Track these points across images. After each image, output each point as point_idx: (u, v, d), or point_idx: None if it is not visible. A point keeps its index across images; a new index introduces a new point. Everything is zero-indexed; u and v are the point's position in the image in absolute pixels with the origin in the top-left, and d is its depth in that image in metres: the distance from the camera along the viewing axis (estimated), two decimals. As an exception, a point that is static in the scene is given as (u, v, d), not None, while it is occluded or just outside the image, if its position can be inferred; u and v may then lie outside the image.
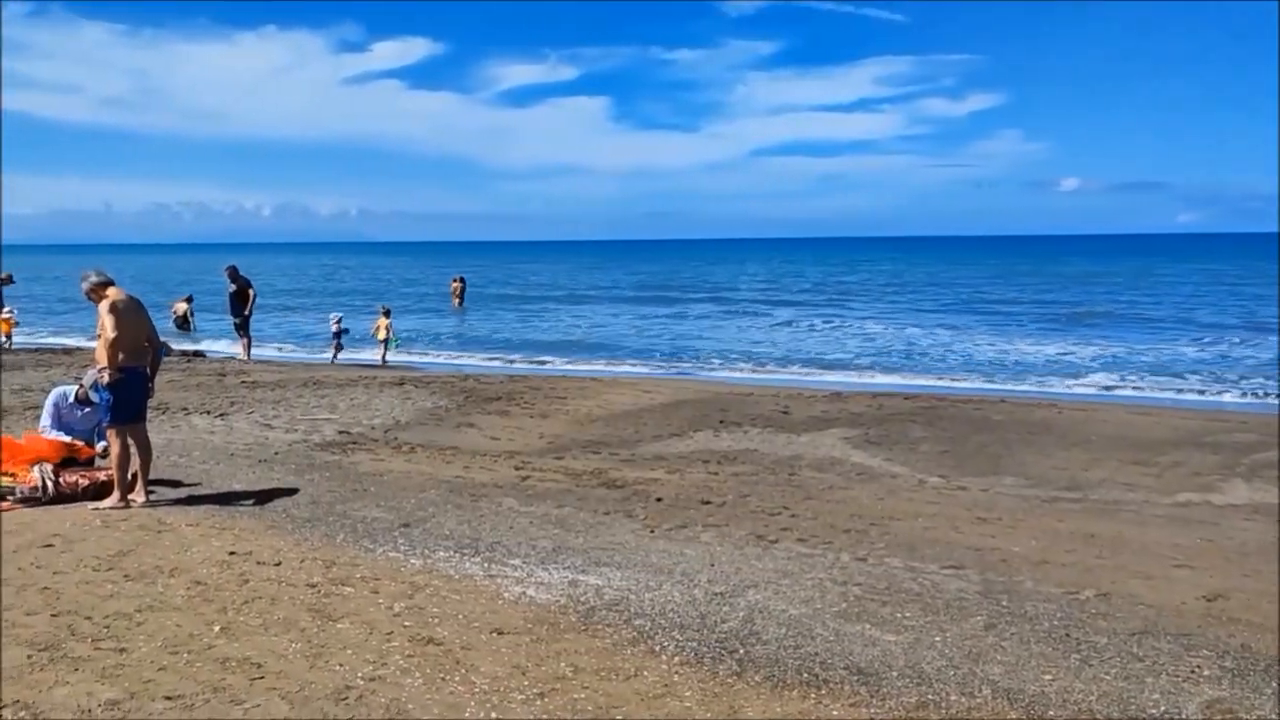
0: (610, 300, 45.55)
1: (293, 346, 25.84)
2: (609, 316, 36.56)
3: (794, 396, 14.55)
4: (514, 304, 42.90)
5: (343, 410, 12.76)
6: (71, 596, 5.33)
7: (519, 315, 37.02)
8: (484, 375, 17.29)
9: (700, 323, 33.86)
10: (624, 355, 23.98)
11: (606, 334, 30.23)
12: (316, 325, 31.59)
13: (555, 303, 44.00)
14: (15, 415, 11.69)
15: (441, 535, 7.05)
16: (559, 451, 10.46)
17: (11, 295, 22.28)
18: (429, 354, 24.03)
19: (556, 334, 30.17)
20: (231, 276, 20.27)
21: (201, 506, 7.70)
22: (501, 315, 36.73)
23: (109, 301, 7.61)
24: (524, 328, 32.15)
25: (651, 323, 33.77)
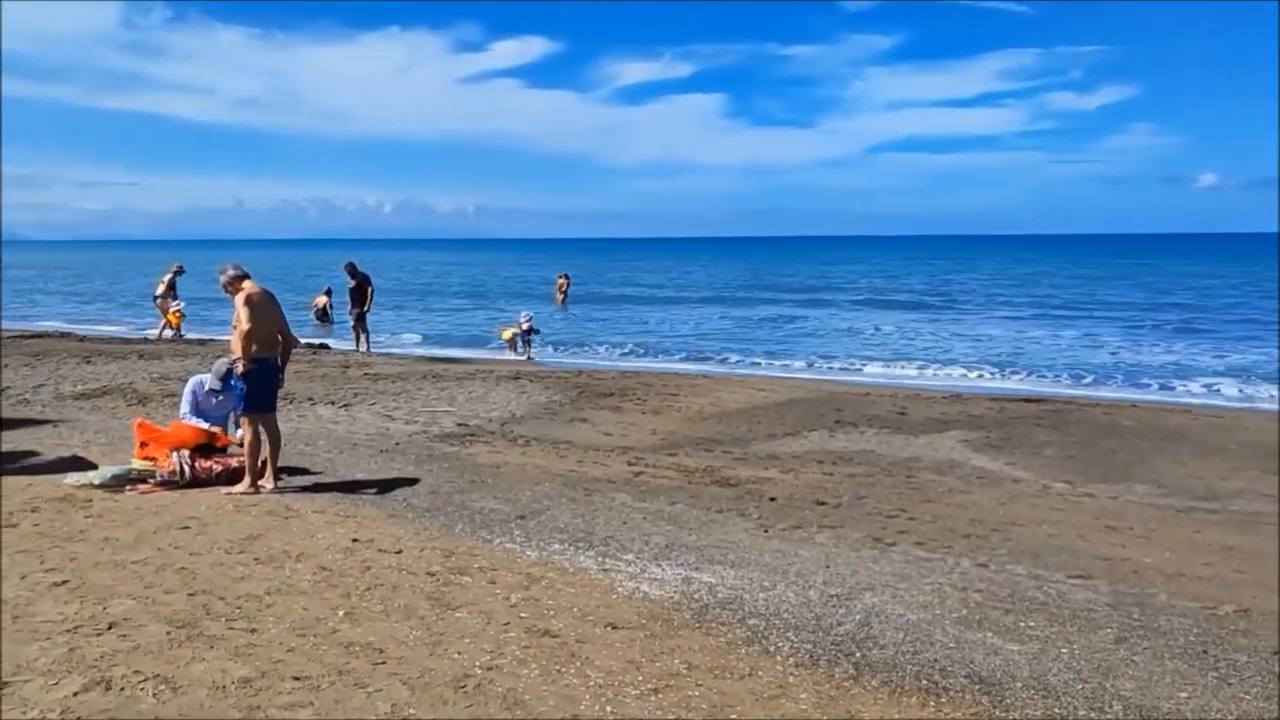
0: (722, 297, 45.37)
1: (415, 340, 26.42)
2: (721, 314, 36.41)
3: (911, 397, 14.26)
4: (625, 300, 43.12)
5: (461, 403, 13.01)
6: (206, 577, 5.56)
7: (631, 312, 37.20)
8: (597, 371, 17.42)
9: (814, 321, 33.47)
10: (736, 353, 23.84)
11: (718, 331, 30.13)
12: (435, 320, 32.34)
13: (666, 299, 44.07)
14: (155, 402, 12.28)
15: (556, 528, 7.12)
16: (671, 448, 10.47)
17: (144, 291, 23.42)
18: (540, 349, 24.31)
19: (668, 331, 30.22)
20: (350, 272, 20.90)
21: (326, 494, 7.95)
22: (612, 312, 36.96)
23: (244, 294, 7.92)
24: (635, 324, 32.29)
25: (764, 321, 33.53)
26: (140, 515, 6.88)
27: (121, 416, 11.40)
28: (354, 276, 20.85)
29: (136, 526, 6.56)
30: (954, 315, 35.20)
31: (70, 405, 12.39)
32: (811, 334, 29.11)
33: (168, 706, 3.87)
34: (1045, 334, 28.07)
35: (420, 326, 30.27)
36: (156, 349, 19.15)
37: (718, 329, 31.05)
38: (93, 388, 13.77)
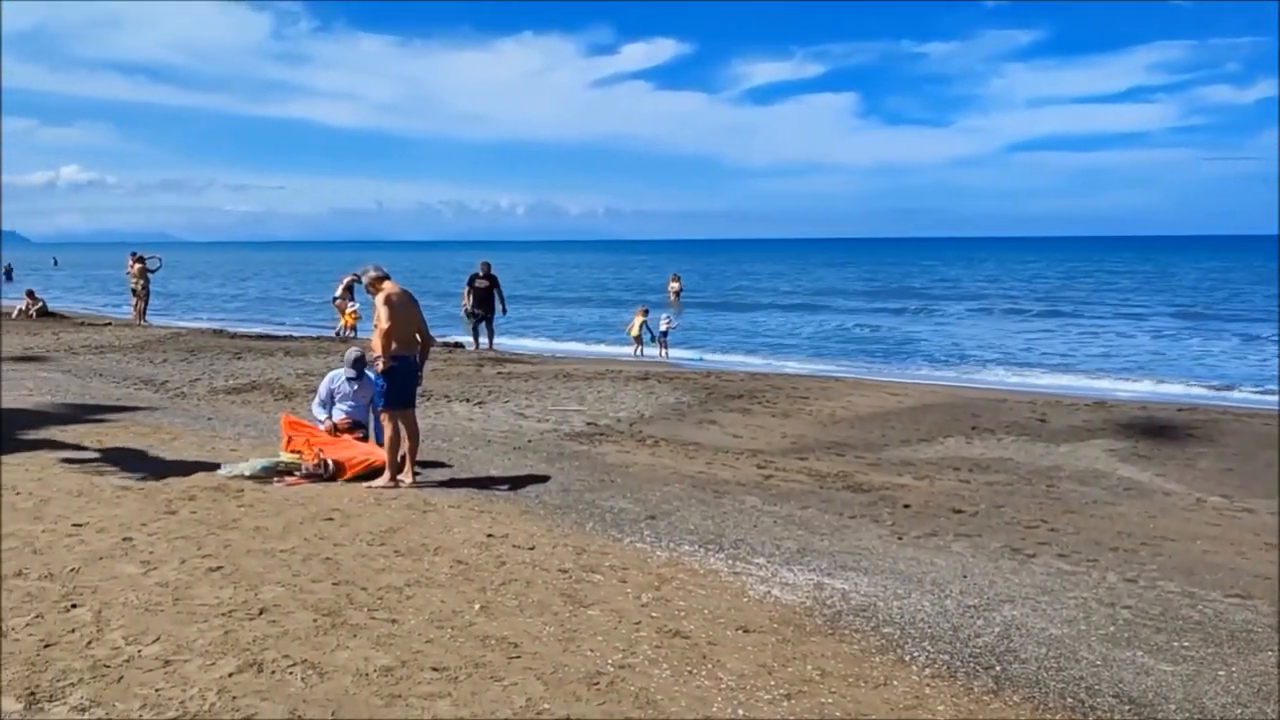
0: (854, 299, 44.70)
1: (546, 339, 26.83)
2: (854, 315, 35.88)
3: (1052, 404, 13.74)
4: (752, 302, 42.91)
5: (590, 402, 13.15)
6: (349, 568, 5.74)
7: (760, 313, 37.01)
8: (725, 372, 17.36)
9: (948, 324, 32.67)
10: (867, 356, 23.47)
11: (850, 333, 29.71)
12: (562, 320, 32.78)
13: (796, 300, 43.67)
14: (300, 398, 12.77)
15: (686, 529, 7.12)
16: (802, 452, 10.35)
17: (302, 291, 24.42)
18: (657, 348, 24.36)
19: (800, 332, 29.94)
20: (484, 273, 21.36)
21: (462, 489, 8.13)
22: (739, 314, 36.83)
23: (384, 294, 8.17)
24: (764, 326, 32.09)
25: (897, 323, 32.90)
26: (287, 506, 7.16)
27: (269, 411, 11.91)
28: (486, 278, 21.31)
29: (284, 517, 6.83)
30: (1095, 318, 33.86)
31: (222, 399, 13.01)
32: (945, 337, 28.42)
33: (315, 691, 4.01)
34: (1197, 340, 26.73)
35: (549, 326, 30.74)
36: (301, 346, 19.95)
37: (849, 331, 30.62)
38: (242, 383, 14.42)
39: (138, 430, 10.23)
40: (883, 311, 37.60)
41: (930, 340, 27.56)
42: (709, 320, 33.66)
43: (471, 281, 21.33)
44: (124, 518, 6.57)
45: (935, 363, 22.03)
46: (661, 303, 35.14)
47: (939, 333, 29.90)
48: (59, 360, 17.01)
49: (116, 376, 14.96)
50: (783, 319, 35.08)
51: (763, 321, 34.05)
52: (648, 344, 22.57)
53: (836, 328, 31.72)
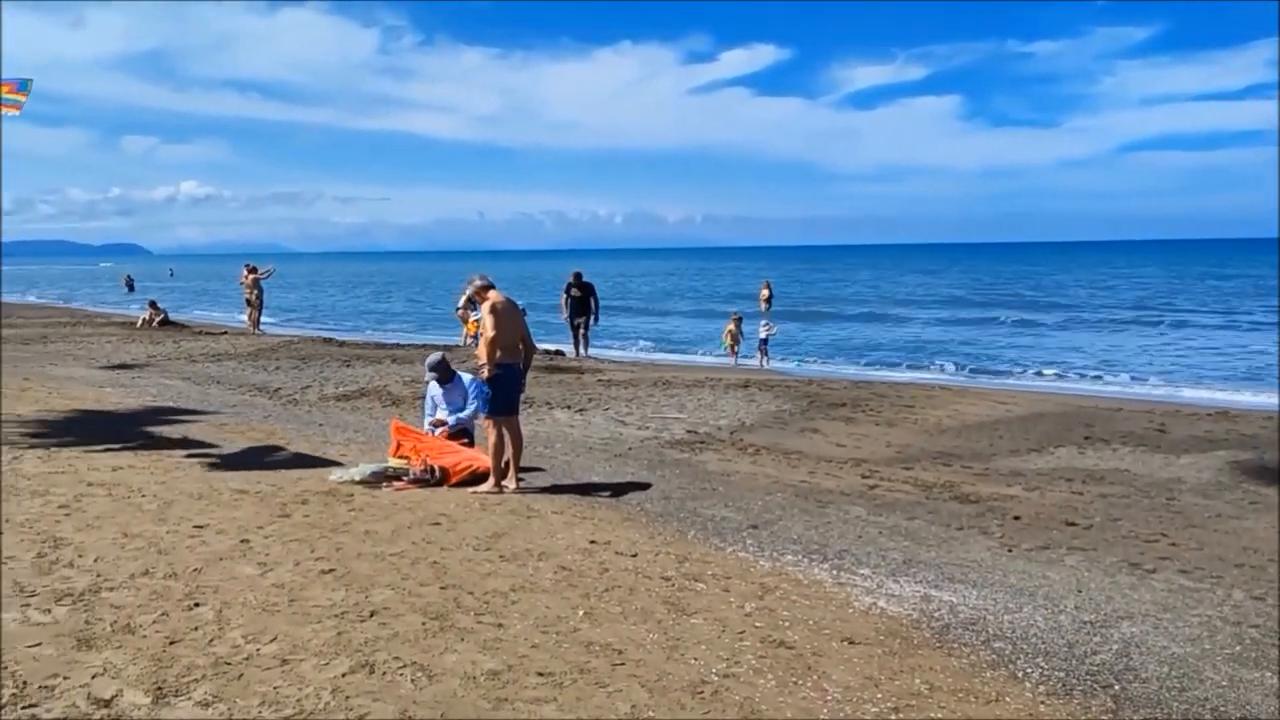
0: (959, 306, 43.79)
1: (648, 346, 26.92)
2: (957, 322, 35.15)
3: (1171, 413, 13.25)
4: (854, 309, 42.38)
5: (690, 410, 13.15)
6: (456, 572, 5.84)
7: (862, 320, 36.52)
8: (828, 380, 17.18)
9: (1058, 331, 31.76)
10: (973, 363, 22.95)
11: (956, 340, 29.10)
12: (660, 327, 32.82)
13: (900, 307, 42.98)
14: (407, 404, 13.06)
15: (789, 539, 7.05)
16: (907, 461, 10.17)
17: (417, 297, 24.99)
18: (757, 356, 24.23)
19: (904, 340, 29.45)
20: (576, 281, 21.58)
21: (564, 495, 8.20)
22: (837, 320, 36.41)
23: (489, 303, 8.31)
24: (868, 332, 31.66)
25: (1004, 330, 32.11)
26: (396, 510, 7.31)
27: (377, 417, 12.21)
28: (579, 286, 21.52)
29: (393, 521, 6.98)
30: (1212, 326, 32.50)
31: (332, 406, 13.37)
32: (1055, 344, 27.62)
33: (424, 693, 4.08)
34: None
35: (646, 334, 30.84)
36: (408, 354, 20.40)
37: (954, 338, 30.00)
38: (351, 389, 14.81)
39: (253, 435, 10.58)
40: (989, 318, 36.72)
41: (1039, 347, 26.83)
42: (808, 328, 33.35)
43: (568, 290, 21.60)
44: (242, 520, 6.80)
45: (1044, 371, 21.43)
46: (753, 311, 34.98)
47: (1048, 340, 29.08)
48: (180, 367, 17.73)
49: (233, 383, 15.51)
50: (885, 326, 34.57)
51: (864, 328, 33.61)
52: (743, 352, 22.47)
53: (941, 335, 31.11)
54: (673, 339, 29.64)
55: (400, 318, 40.30)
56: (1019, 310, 40.31)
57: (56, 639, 4.47)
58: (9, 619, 4.70)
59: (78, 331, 26.28)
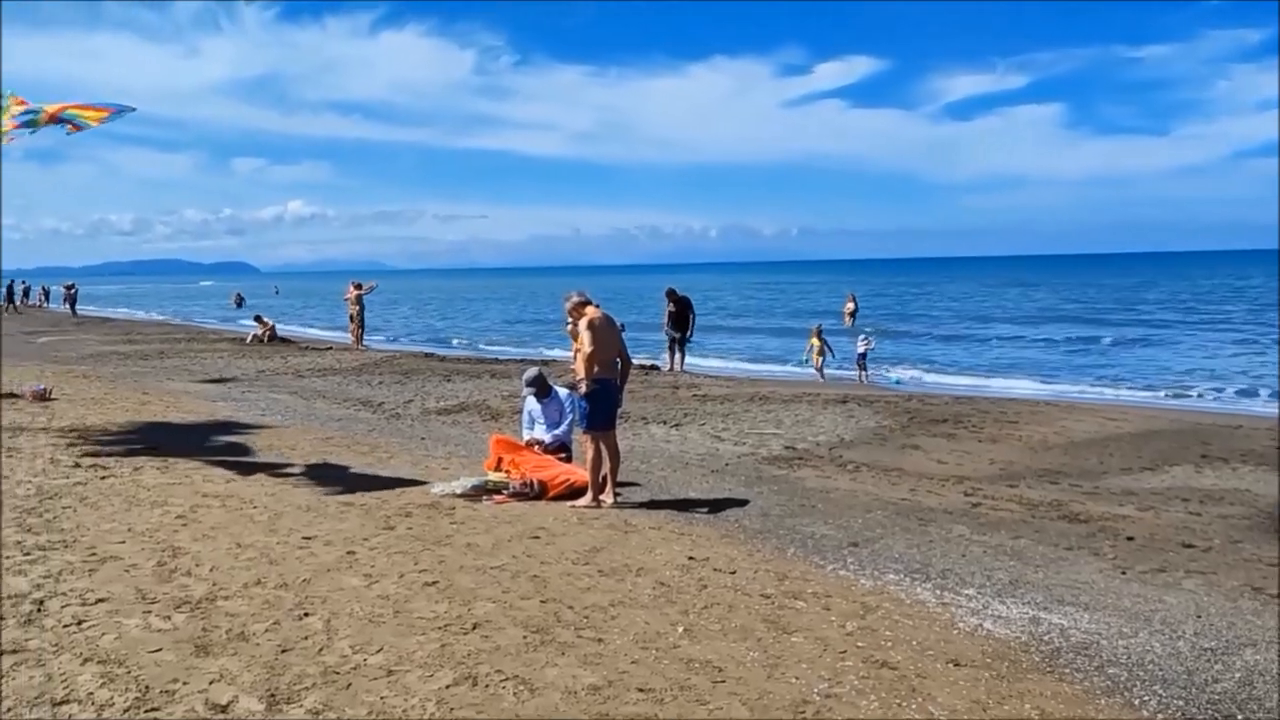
0: (1064, 317, 42.56)
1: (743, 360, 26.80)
2: (1064, 335, 34.17)
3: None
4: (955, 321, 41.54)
5: (788, 426, 13.04)
6: (556, 585, 5.88)
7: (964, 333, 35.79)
8: (928, 395, 16.87)
9: (1169, 344, 30.63)
10: (1080, 378, 22.28)
11: (1062, 354, 28.30)
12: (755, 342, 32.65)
13: (1003, 319, 41.98)
14: (506, 418, 13.24)
15: (890, 557, 6.93)
16: (1012, 479, 9.90)
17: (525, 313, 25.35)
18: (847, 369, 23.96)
19: (1007, 353, 28.77)
20: (670, 297, 21.61)
21: (662, 511, 8.20)
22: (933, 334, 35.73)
23: (586, 319, 8.38)
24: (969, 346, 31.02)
25: (1111, 343, 31.11)
26: (496, 524, 7.41)
27: (477, 431, 12.40)
28: (674, 301, 21.55)
29: (494, 534, 7.07)
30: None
31: (434, 419, 13.62)
32: (1166, 358, 26.65)
33: (526, 706, 4.12)
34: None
35: (741, 348, 30.70)
36: (506, 369, 20.68)
37: (1060, 351, 29.19)
38: (452, 404, 15.08)
39: (358, 448, 10.84)
40: (1095, 332, 35.62)
41: (1149, 361, 25.92)
42: (904, 342, 32.81)
43: (675, 300, 21.61)
44: (348, 532, 6.97)
45: (1155, 386, 20.70)
46: (836, 326, 34.58)
47: (1158, 353, 28.08)
48: (288, 382, 18.28)
49: (338, 398, 15.92)
50: (987, 339, 33.80)
51: (964, 343, 32.93)
52: (837, 365, 22.10)
53: (1046, 349, 30.29)
54: (766, 353, 29.44)
55: (498, 333, 40.90)
56: (1127, 323, 39.05)
57: (176, 645, 4.64)
58: (133, 624, 4.90)
59: (192, 347, 27.32)
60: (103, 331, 35.80)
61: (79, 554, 6.16)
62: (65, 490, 8.07)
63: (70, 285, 57.36)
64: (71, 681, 4.18)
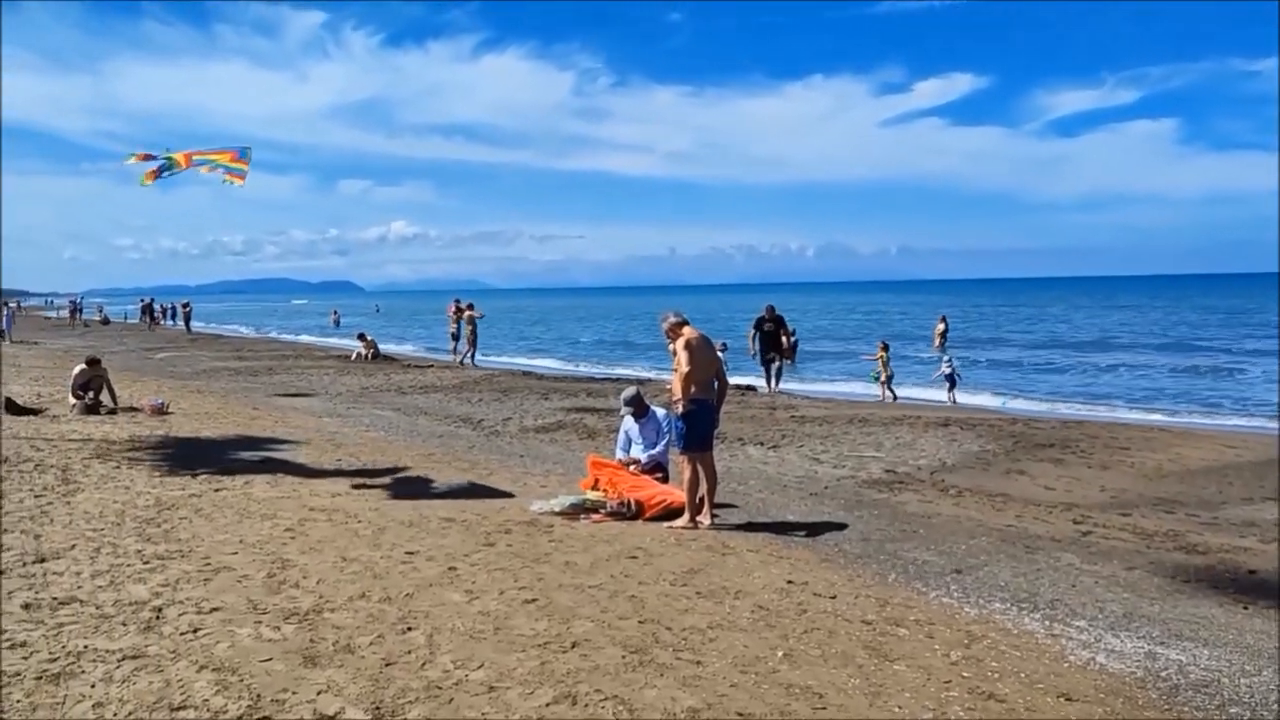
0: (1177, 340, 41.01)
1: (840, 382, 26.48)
2: (1174, 358, 32.93)
3: None
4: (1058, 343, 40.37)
5: (888, 449, 12.82)
6: (654, 606, 5.87)
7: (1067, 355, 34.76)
8: (1034, 419, 16.41)
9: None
10: (1194, 403, 21.43)
11: (1173, 378, 27.27)
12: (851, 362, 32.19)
13: (1107, 341, 40.65)
14: (602, 437, 13.31)
15: (995, 585, 6.75)
16: (1124, 507, 9.56)
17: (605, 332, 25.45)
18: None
19: (1113, 377, 27.85)
20: (769, 315, 21.45)
21: (759, 534, 8.13)
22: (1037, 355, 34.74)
23: (683, 339, 8.37)
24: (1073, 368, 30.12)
25: (1229, 367, 29.86)
26: (594, 543, 7.44)
27: (574, 449, 12.49)
28: (771, 320, 21.41)
29: (591, 553, 7.10)
30: None
31: (531, 437, 13.77)
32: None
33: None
34: None
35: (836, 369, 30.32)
36: (603, 388, 20.81)
37: (1173, 375, 28.14)
38: (549, 422, 15.22)
39: (458, 465, 11.02)
40: (1210, 355, 34.25)
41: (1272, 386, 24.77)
42: (1009, 364, 32.01)
43: (759, 325, 21.50)
44: (449, 548, 7.07)
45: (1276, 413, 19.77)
46: (925, 351, 33.82)
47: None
48: (391, 399, 18.70)
49: (439, 415, 16.22)
50: (1094, 361, 32.76)
51: (1071, 364, 31.98)
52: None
53: (1158, 371, 29.22)
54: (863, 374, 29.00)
55: (593, 352, 41.20)
56: (1243, 346, 37.44)
57: (285, 655, 4.76)
58: (245, 633, 5.04)
59: (299, 364, 28.15)
60: (215, 348, 37.14)
61: (194, 563, 6.38)
62: (181, 501, 8.37)
63: (185, 304, 59.74)
64: (188, 687, 4.32)
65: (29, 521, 7.43)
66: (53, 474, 9.39)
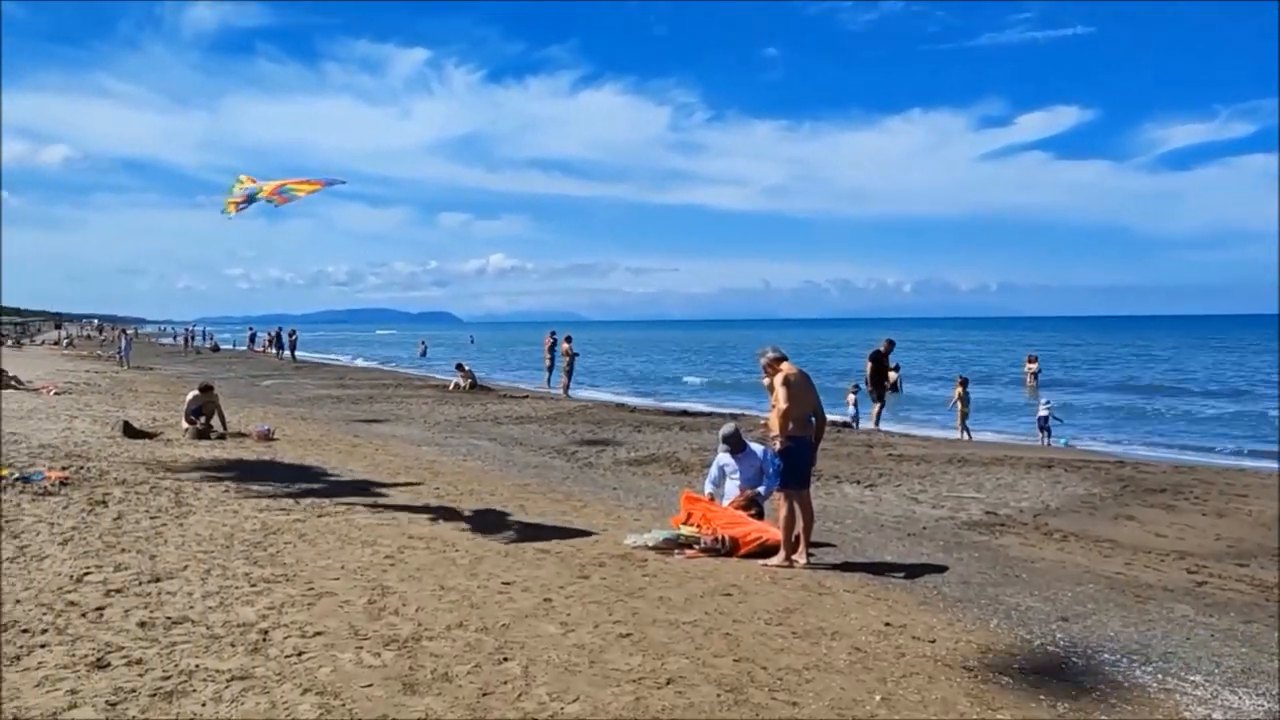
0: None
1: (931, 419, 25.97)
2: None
3: None
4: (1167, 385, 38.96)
5: (988, 490, 12.52)
6: (749, 645, 5.81)
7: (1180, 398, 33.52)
8: (1143, 463, 15.83)
9: None
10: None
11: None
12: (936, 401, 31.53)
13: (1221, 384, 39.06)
14: (695, 472, 13.27)
15: (1104, 636, 6.51)
16: (1242, 558, 9.15)
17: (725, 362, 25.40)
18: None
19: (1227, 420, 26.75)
20: (886, 349, 21.10)
21: (856, 573, 8.00)
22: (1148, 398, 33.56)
23: (782, 375, 8.32)
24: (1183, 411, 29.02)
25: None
26: (688, 579, 7.40)
27: (668, 484, 12.48)
28: (888, 349, 20.99)
29: (685, 589, 7.07)
30: None
31: (625, 470, 13.81)
32: None
33: (720, 767, 4.07)
34: None
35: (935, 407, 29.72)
36: (695, 422, 20.78)
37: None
38: (643, 455, 15.25)
39: (553, 496, 11.10)
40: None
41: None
42: (1113, 406, 31.00)
43: (875, 358, 21.10)
44: (544, 579, 7.12)
45: None
46: (1015, 395, 32.86)
47: None
48: (487, 429, 18.96)
49: (534, 445, 16.39)
50: (1209, 404, 31.52)
51: (1182, 406, 30.82)
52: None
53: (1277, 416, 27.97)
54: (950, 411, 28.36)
55: (687, 385, 41.19)
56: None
57: (385, 682, 4.84)
58: (347, 659, 5.15)
59: (398, 393, 28.74)
60: (318, 376, 38.19)
61: (299, 588, 6.54)
62: (286, 526, 8.60)
63: (292, 331, 61.52)
64: (293, 710, 4.42)
65: (145, 542, 7.72)
66: (167, 496, 9.74)
